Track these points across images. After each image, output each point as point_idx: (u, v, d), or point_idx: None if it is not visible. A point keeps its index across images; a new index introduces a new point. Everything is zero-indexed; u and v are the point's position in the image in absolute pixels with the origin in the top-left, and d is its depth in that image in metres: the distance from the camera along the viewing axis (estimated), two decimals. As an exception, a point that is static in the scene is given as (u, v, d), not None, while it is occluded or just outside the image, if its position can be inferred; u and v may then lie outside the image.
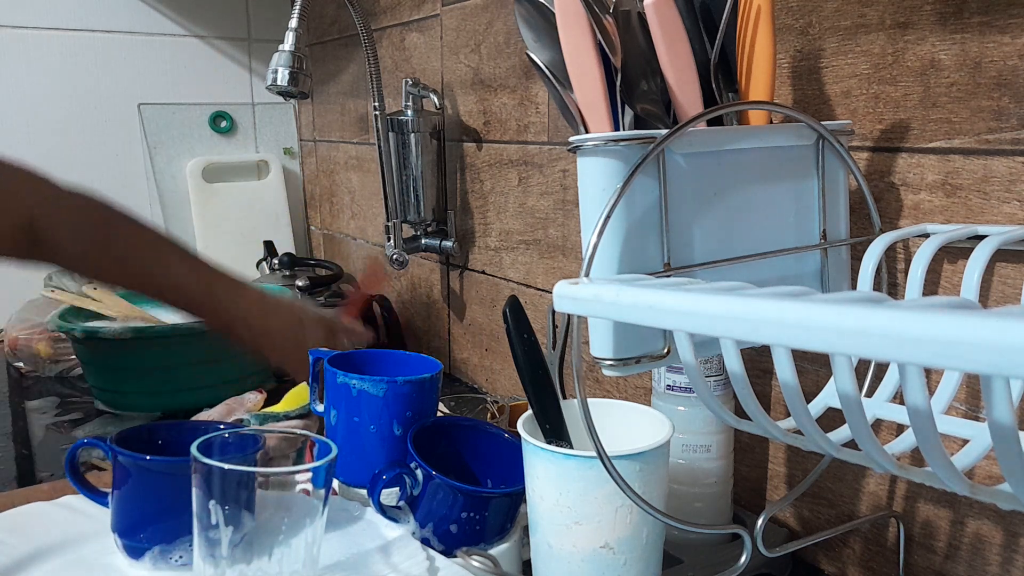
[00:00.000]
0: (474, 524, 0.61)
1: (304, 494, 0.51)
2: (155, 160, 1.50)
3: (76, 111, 1.44)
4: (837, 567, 0.67)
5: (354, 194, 1.45)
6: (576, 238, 0.90)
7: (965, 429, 0.50)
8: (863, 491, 0.64)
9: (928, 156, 0.56)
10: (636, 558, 0.53)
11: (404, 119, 1.09)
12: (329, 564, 0.59)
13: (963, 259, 0.54)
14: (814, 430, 0.42)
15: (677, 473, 0.65)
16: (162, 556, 0.59)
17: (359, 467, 0.68)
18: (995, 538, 0.56)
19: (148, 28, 1.49)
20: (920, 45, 0.55)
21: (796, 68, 0.64)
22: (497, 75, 1.01)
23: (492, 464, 0.68)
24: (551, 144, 0.93)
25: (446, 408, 0.91)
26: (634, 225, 0.47)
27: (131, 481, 0.60)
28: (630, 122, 0.51)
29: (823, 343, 0.27)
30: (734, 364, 0.41)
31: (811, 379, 0.65)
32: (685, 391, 0.64)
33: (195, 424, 0.67)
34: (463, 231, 1.12)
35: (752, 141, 0.52)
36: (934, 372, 0.55)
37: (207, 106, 1.55)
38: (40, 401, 1.05)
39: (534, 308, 0.98)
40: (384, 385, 0.67)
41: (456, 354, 1.18)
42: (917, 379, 0.31)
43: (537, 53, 0.53)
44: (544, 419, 0.57)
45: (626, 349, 0.47)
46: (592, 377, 0.89)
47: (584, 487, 0.51)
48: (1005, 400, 0.27)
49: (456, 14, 1.08)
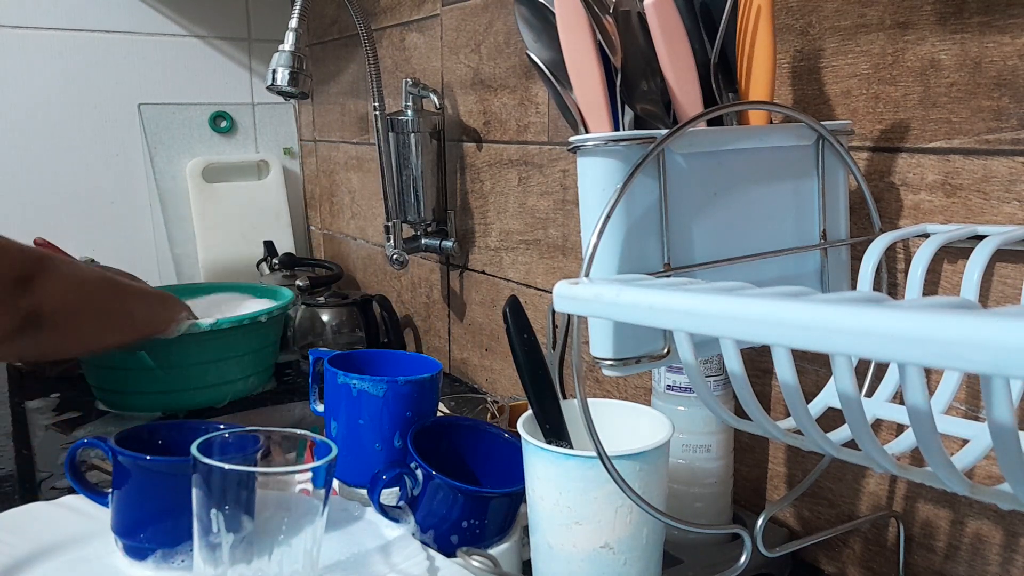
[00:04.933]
0: (474, 524, 0.61)
1: (304, 494, 0.51)
2: (155, 160, 1.50)
3: (76, 111, 1.44)
4: (837, 567, 0.67)
5: (354, 194, 1.45)
6: (576, 238, 0.90)
7: (965, 429, 0.50)
8: (863, 491, 0.64)
9: (928, 156, 0.56)
10: (636, 558, 0.53)
11: (404, 119, 1.09)
12: (329, 564, 0.59)
13: (963, 259, 0.54)
14: (814, 430, 0.42)
15: (677, 473, 0.65)
16: (164, 559, 0.59)
17: (359, 467, 0.68)
18: (995, 538, 0.56)
19: (148, 28, 1.49)
20: (920, 45, 0.55)
21: (796, 68, 0.64)
22: (497, 75, 1.01)
23: (492, 464, 0.68)
24: (551, 144, 0.93)
25: (446, 408, 0.91)
26: (634, 225, 0.47)
27: (131, 481, 0.60)
28: (630, 122, 0.51)
29: (823, 343, 0.27)
30: (734, 364, 0.41)
31: (811, 379, 0.65)
32: (685, 391, 0.64)
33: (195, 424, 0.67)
34: (463, 231, 1.12)
35: (752, 141, 0.52)
36: (934, 372, 0.55)
37: (207, 106, 1.55)
38: (40, 401, 1.05)
39: (534, 308, 0.98)
40: (384, 385, 0.67)
41: (456, 354, 1.18)
42: (917, 379, 0.31)
43: (537, 53, 0.53)
44: (544, 419, 0.57)
45: (626, 349, 0.47)
46: (592, 377, 0.89)
47: (584, 487, 0.51)
48: (1005, 400, 0.27)
49: (456, 14, 1.08)
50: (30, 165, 1.42)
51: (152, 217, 1.53)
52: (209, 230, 1.52)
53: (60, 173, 1.44)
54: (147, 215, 1.53)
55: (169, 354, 0.97)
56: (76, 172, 1.45)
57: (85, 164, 1.46)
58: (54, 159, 1.44)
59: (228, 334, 0.99)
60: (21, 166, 1.41)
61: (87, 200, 1.46)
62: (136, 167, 1.51)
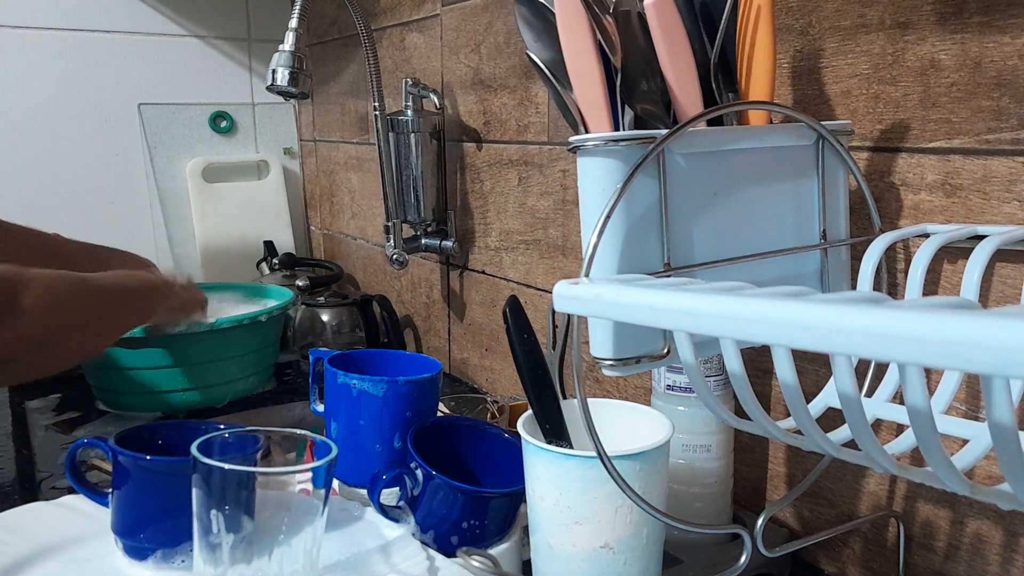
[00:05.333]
0: (474, 524, 0.61)
1: (304, 494, 0.51)
2: (155, 160, 1.50)
3: (76, 111, 1.44)
4: (837, 567, 0.67)
5: (354, 194, 1.45)
6: (576, 238, 0.90)
7: (965, 429, 0.50)
8: (863, 491, 0.64)
9: (928, 156, 0.56)
10: (636, 558, 0.53)
11: (404, 119, 1.09)
12: (329, 564, 0.59)
13: (963, 259, 0.54)
14: (814, 430, 0.42)
15: (677, 473, 0.65)
16: (164, 559, 0.59)
17: (359, 467, 0.68)
18: (995, 538, 0.56)
19: (148, 28, 1.49)
20: (920, 45, 0.55)
21: (796, 68, 0.64)
22: (497, 75, 1.01)
23: (492, 464, 0.68)
24: (551, 144, 0.93)
25: (446, 408, 0.91)
26: (634, 225, 0.47)
27: (131, 481, 0.60)
28: (630, 122, 0.51)
29: (823, 343, 0.27)
30: (734, 364, 0.41)
31: (811, 379, 0.65)
32: (685, 391, 0.64)
33: (195, 424, 0.67)
34: (463, 231, 1.12)
35: (752, 141, 0.52)
36: (934, 372, 0.55)
37: (207, 106, 1.55)
38: (40, 401, 1.05)
39: (534, 308, 0.98)
40: (384, 385, 0.67)
41: (456, 354, 1.18)
42: (917, 379, 0.31)
43: (537, 53, 0.53)
44: (544, 419, 0.57)
45: (626, 349, 0.47)
46: (592, 377, 0.89)
47: (584, 487, 0.51)
48: (1005, 400, 0.27)
49: (456, 14, 1.08)
50: (30, 165, 1.42)
51: (152, 217, 1.52)
52: (209, 230, 1.52)
53: (60, 173, 1.44)
54: (147, 215, 1.52)
55: (169, 354, 0.97)
56: (76, 172, 1.45)
57: (85, 164, 1.45)
58: (54, 159, 1.44)
59: (228, 334, 0.99)
60: (21, 166, 1.41)
61: (87, 200, 1.46)
62: (136, 167, 1.51)
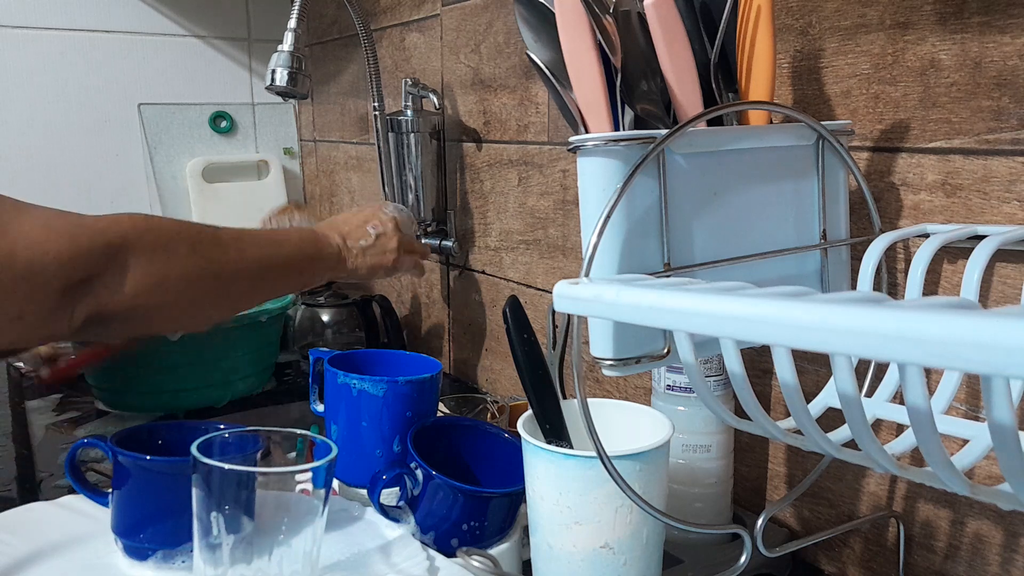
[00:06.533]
0: (474, 524, 0.61)
1: (304, 494, 0.51)
2: (155, 160, 1.50)
3: (76, 111, 1.44)
4: (837, 567, 0.67)
5: (354, 194, 1.45)
6: (576, 238, 0.90)
7: (965, 429, 0.50)
8: (863, 491, 0.64)
9: (928, 156, 0.56)
10: (636, 558, 0.53)
11: (404, 119, 1.09)
12: (329, 564, 0.59)
13: (963, 259, 0.54)
14: (814, 430, 0.42)
15: (677, 473, 0.65)
16: (165, 560, 0.59)
17: (359, 467, 0.68)
18: (995, 538, 0.56)
19: (148, 28, 1.49)
20: (920, 45, 0.55)
21: (796, 68, 0.64)
22: (497, 75, 1.01)
23: (492, 464, 0.68)
24: (551, 144, 0.93)
25: (446, 408, 0.91)
26: (634, 225, 0.47)
27: (131, 481, 0.60)
28: (630, 122, 0.51)
29: (823, 343, 0.27)
30: (734, 364, 0.41)
31: (811, 379, 0.65)
32: (685, 391, 0.64)
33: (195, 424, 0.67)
34: (463, 231, 1.12)
35: (752, 141, 0.52)
36: (934, 372, 0.55)
37: (207, 106, 1.55)
38: (40, 401, 1.05)
39: (534, 308, 0.98)
40: (384, 385, 0.67)
41: (456, 354, 1.17)
42: (917, 379, 0.31)
43: (537, 53, 0.53)
44: (544, 419, 0.57)
45: (626, 349, 0.47)
46: (592, 377, 0.89)
47: (584, 487, 0.51)
48: (1005, 400, 0.27)
49: (456, 14, 1.08)
50: (30, 165, 1.42)
51: (152, 217, 1.53)
52: (209, 230, 1.52)
53: (60, 173, 1.44)
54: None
55: (169, 354, 0.97)
56: (76, 172, 1.45)
57: (85, 164, 1.45)
58: (54, 159, 1.44)
59: (228, 334, 0.99)
60: (21, 166, 1.41)
61: (87, 200, 1.46)
62: (136, 167, 1.51)
